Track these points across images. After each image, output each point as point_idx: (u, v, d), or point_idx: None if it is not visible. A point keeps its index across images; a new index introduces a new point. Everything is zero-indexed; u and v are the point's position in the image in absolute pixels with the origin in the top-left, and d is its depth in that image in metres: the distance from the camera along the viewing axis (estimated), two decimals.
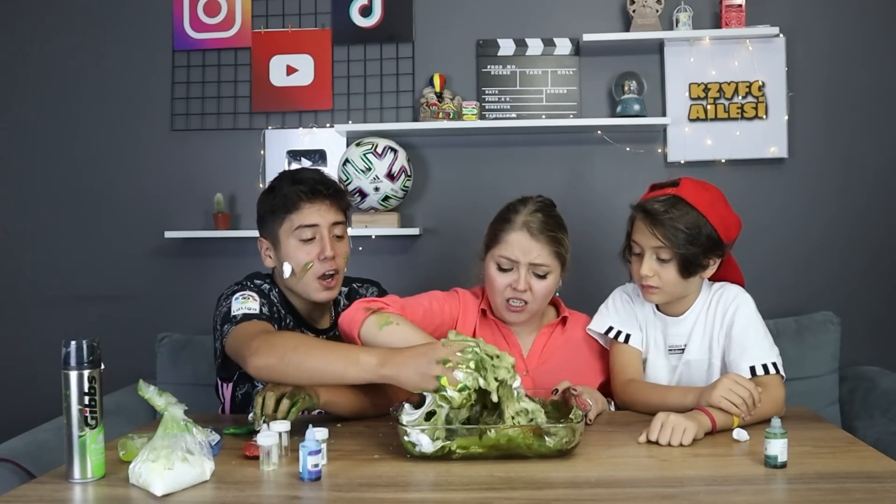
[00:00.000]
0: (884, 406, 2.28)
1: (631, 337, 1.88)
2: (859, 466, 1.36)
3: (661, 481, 1.31)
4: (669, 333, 1.87)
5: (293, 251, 1.78)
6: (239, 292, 1.77)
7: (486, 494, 1.25)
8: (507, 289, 1.81)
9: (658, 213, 1.73)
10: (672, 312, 1.86)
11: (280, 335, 1.63)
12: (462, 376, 1.38)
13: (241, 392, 1.87)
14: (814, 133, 2.73)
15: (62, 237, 2.91)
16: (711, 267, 1.79)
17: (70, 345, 1.34)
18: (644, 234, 1.76)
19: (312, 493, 1.28)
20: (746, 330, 1.77)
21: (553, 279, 1.83)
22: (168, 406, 1.34)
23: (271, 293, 1.83)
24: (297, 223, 1.78)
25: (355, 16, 2.83)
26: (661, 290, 1.78)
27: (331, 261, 1.78)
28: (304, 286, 1.79)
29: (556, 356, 1.91)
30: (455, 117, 2.68)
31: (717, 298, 1.83)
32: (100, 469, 1.35)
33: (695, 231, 1.71)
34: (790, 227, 2.73)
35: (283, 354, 1.51)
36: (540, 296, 1.82)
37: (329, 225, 1.80)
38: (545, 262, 1.80)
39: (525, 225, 1.81)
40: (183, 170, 2.87)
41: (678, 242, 1.71)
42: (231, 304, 1.74)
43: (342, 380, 1.52)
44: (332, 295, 1.82)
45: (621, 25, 2.76)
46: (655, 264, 1.75)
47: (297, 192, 1.78)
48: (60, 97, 2.90)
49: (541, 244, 1.80)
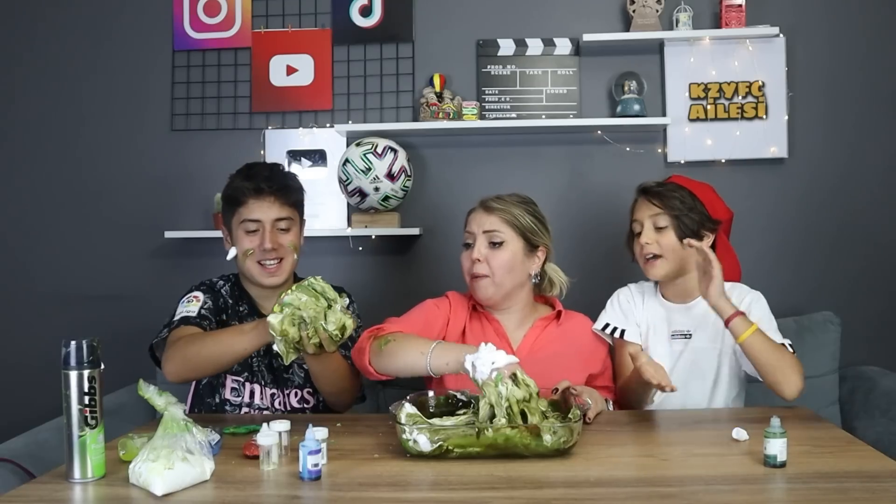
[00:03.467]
0: (884, 406, 2.28)
1: (626, 332, 1.94)
2: (858, 466, 1.36)
3: (661, 481, 1.31)
4: (674, 319, 1.94)
5: (239, 239, 1.95)
6: (190, 293, 1.95)
7: (485, 494, 1.25)
8: (469, 264, 1.90)
9: (653, 186, 1.95)
10: (679, 300, 1.94)
11: (182, 341, 1.79)
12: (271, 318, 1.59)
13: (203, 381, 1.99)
14: (814, 133, 2.73)
15: (62, 237, 2.91)
16: (706, 240, 1.91)
17: (70, 345, 1.34)
18: (642, 208, 1.93)
19: (312, 493, 1.29)
20: (762, 320, 1.82)
21: (510, 249, 1.89)
22: (168, 406, 1.34)
23: (223, 288, 2.00)
24: (243, 216, 1.94)
25: (355, 16, 2.83)
26: (663, 259, 1.89)
27: (271, 251, 1.92)
28: (248, 270, 1.95)
29: (547, 349, 1.92)
30: (455, 117, 2.68)
31: (730, 292, 1.85)
32: (100, 469, 1.35)
33: (687, 202, 1.90)
34: (790, 227, 2.73)
35: (183, 355, 1.75)
36: (498, 267, 1.87)
37: (272, 221, 1.93)
38: (497, 227, 1.89)
39: (482, 203, 1.95)
40: (183, 170, 2.87)
41: (673, 207, 1.88)
42: (177, 308, 1.92)
43: (235, 352, 1.74)
44: (275, 280, 1.96)
45: (621, 25, 2.76)
46: (654, 233, 1.90)
47: (245, 189, 1.93)
48: (60, 97, 2.90)
49: (493, 215, 1.91)
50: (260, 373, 1.96)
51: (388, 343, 1.70)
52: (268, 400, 1.95)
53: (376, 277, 2.81)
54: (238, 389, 1.94)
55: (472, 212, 1.96)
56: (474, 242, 1.90)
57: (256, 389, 1.95)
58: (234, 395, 1.94)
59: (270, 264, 1.93)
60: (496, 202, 1.92)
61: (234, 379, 1.95)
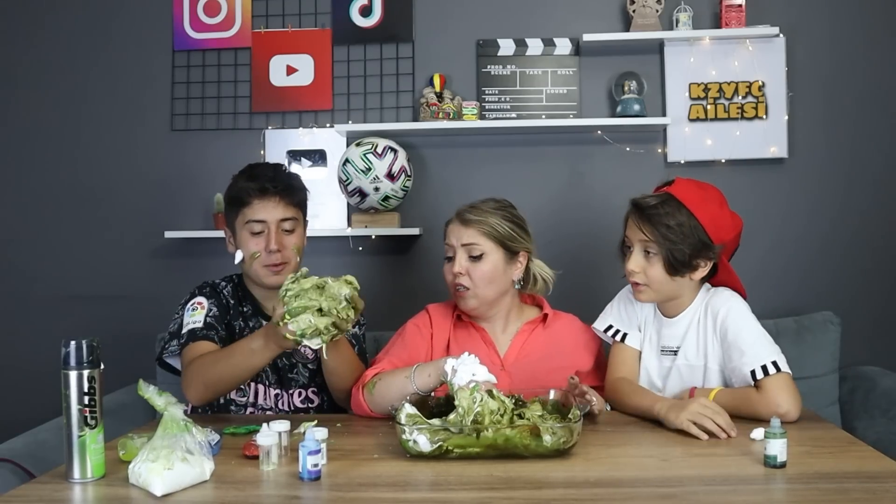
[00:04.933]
0: (884, 406, 2.28)
1: (628, 336, 1.89)
2: (859, 466, 1.36)
3: (661, 481, 1.31)
4: (663, 334, 1.86)
5: (244, 241, 1.93)
6: (193, 300, 1.93)
7: (485, 494, 1.25)
8: (451, 277, 1.89)
9: (646, 207, 1.75)
10: (667, 313, 1.86)
11: (197, 364, 1.78)
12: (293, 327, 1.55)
13: None
14: (814, 133, 2.73)
15: (62, 237, 2.91)
16: (702, 269, 1.78)
17: (70, 345, 1.34)
18: (633, 229, 1.78)
19: (312, 493, 1.29)
20: (739, 334, 1.73)
21: (491, 261, 1.87)
22: (168, 406, 1.34)
23: (224, 290, 1.98)
24: (247, 217, 1.92)
25: (355, 16, 2.83)
26: (648, 289, 1.79)
27: (276, 253, 1.91)
28: (255, 272, 1.93)
29: (534, 353, 1.91)
30: (455, 117, 2.68)
31: (709, 303, 1.81)
32: (100, 469, 1.35)
33: (683, 229, 1.72)
34: (790, 227, 2.73)
35: (203, 382, 1.76)
36: (479, 279, 1.86)
37: (277, 221, 1.92)
38: (474, 240, 1.87)
39: (458, 214, 1.92)
40: (183, 170, 2.87)
41: (664, 238, 1.72)
42: (183, 317, 1.91)
43: (253, 368, 1.74)
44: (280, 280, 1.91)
45: (621, 25, 2.76)
46: (643, 260, 1.77)
47: (249, 189, 1.91)
48: (60, 97, 2.90)
49: (470, 227, 1.88)
50: (264, 373, 1.95)
51: (376, 385, 1.75)
52: (271, 400, 1.95)
53: (376, 277, 2.81)
54: (243, 389, 1.94)
55: (449, 223, 1.94)
56: (454, 255, 1.88)
57: (261, 389, 1.95)
58: (240, 394, 1.94)
59: (275, 265, 1.92)
60: (472, 213, 1.89)
61: None
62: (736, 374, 1.73)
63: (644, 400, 1.71)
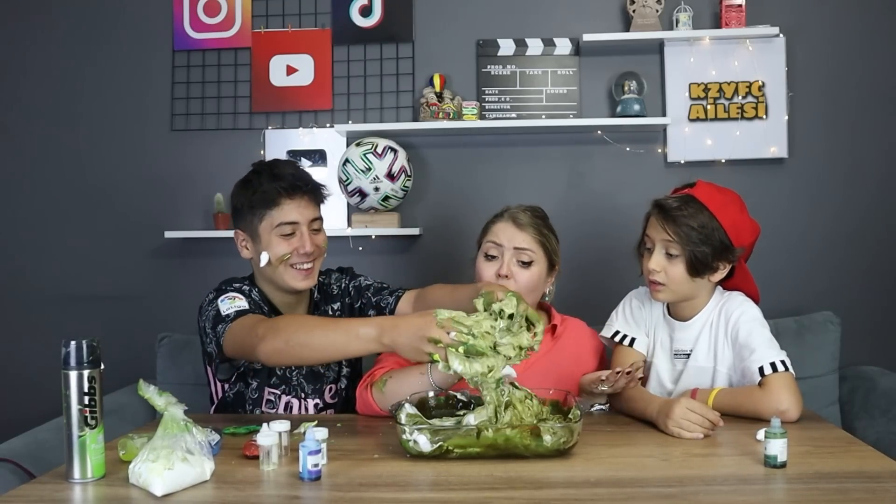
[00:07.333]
0: (884, 406, 2.28)
1: (636, 341, 1.90)
2: (859, 466, 1.36)
3: (661, 481, 1.31)
4: (676, 338, 1.87)
5: (273, 244, 1.81)
6: (223, 295, 1.79)
7: (485, 494, 1.25)
8: (492, 277, 1.84)
9: (670, 208, 1.76)
10: (681, 316, 1.86)
11: (283, 319, 1.67)
12: (455, 363, 1.43)
13: (233, 392, 1.89)
14: (814, 133, 2.73)
15: (62, 237, 2.91)
16: (721, 271, 1.79)
17: (70, 345, 1.34)
18: (656, 229, 1.78)
19: (312, 493, 1.28)
20: (751, 334, 1.75)
21: (537, 270, 1.85)
22: (168, 406, 1.34)
23: (252, 293, 1.85)
24: (277, 220, 1.80)
25: (355, 16, 2.83)
26: (667, 288, 1.79)
27: (310, 254, 1.82)
28: (281, 275, 1.82)
29: (542, 361, 1.89)
30: (455, 117, 2.68)
31: (723, 306, 1.82)
32: (100, 469, 1.35)
33: (705, 230, 1.73)
34: (790, 228, 2.73)
35: (287, 337, 1.55)
36: (524, 286, 1.82)
37: (308, 221, 1.83)
38: (529, 246, 1.84)
39: (511, 216, 1.87)
40: (183, 170, 2.87)
41: (688, 239, 1.73)
42: (219, 307, 1.75)
43: (346, 353, 1.58)
44: (310, 283, 1.86)
45: (621, 25, 2.76)
46: (664, 260, 1.77)
47: (277, 189, 1.80)
48: (60, 97, 2.90)
49: (525, 232, 1.85)
50: (299, 385, 1.88)
51: (386, 383, 1.71)
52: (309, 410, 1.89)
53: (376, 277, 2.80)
54: (273, 402, 1.87)
55: (498, 221, 1.88)
56: (501, 256, 1.84)
57: (294, 403, 1.88)
58: (269, 406, 1.86)
59: (305, 267, 1.83)
60: (526, 217, 1.85)
61: (271, 392, 1.87)
62: (745, 372, 1.74)
63: (639, 403, 1.71)
